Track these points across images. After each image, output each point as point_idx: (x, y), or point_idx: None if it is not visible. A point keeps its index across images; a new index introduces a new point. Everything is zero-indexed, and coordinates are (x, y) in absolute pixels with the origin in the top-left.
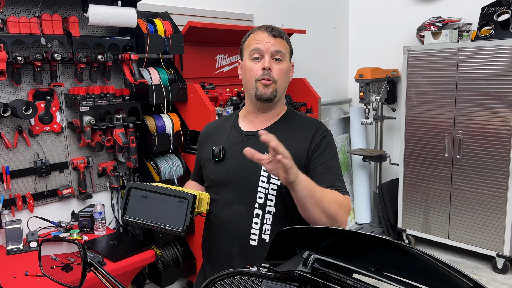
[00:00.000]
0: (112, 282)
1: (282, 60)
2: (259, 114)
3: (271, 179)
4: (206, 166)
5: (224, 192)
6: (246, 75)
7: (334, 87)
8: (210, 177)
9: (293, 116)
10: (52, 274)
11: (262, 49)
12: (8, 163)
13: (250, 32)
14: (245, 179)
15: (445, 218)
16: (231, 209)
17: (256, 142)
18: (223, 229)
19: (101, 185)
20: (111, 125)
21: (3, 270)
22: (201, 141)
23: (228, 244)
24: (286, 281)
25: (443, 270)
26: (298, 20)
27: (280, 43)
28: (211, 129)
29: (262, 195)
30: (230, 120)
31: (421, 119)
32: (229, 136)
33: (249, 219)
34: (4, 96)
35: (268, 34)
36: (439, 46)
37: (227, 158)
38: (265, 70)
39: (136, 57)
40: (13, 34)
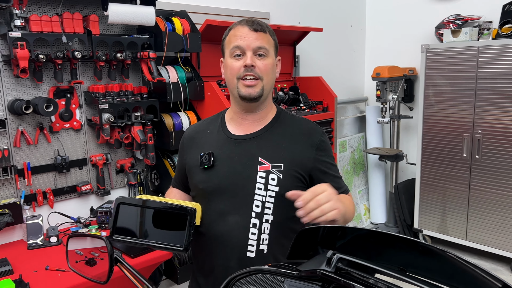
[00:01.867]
0: (137, 277)
1: (266, 56)
2: (246, 115)
3: (269, 185)
4: (193, 174)
5: (216, 202)
6: (227, 73)
7: (350, 86)
8: (199, 186)
9: (285, 117)
10: (77, 268)
11: (243, 46)
12: (29, 159)
13: (230, 28)
14: (240, 187)
15: (463, 219)
16: (225, 220)
17: (248, 147)
18: (218, 242)
19: (119, 181)
20: (130, 123)
21: (25, 264)
22: (184, 145)
23: (224, 258)
24: (309, 280)
25: (471, 271)
26: (314, 18)
27: (262, 38)
28: (195, 132)
29: (259, 203)
30: (215, 122)
31: (439, 118)
32: (217, 141)
33: (246, 229)
34: (26, 93)
35: (248, 28)
36: (459, 45)
37: (217, 165)
38: (248, 68)
39: (155, 55)
40: (35, 33)
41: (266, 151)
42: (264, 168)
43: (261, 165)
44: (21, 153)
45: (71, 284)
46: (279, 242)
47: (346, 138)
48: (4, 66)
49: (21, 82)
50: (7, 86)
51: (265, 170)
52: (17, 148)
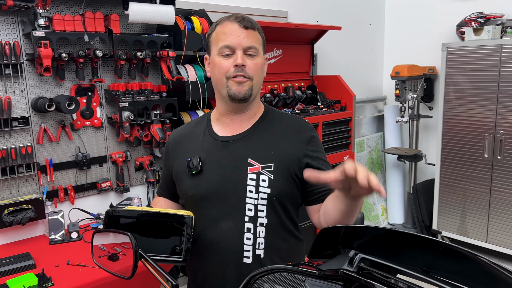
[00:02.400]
0: (161, 273)
1: (256, 55)
2: (234, 115)
3: (260, 187)
4: (181, 180)
5: (207, 208)
6: (215, 72)
7: (368, 85)
8: (188, 193)
9: (273, 114)
10: (102, 263)
11: (233, 45)
12: (51, 156)
13: (217, 23)
14: (231, 191)
15: (483, 220)
16: (218, 226)
17: (236, 148)
18: (212, 250)
19: (138, 179)
20: (149, 121)
21: (47, 259)
22: (169, 151)
23: (219, 266)
24: (330, 279)
25: (501, 275)
26: (333, 17)
27: (252, 36)
28: (180, 136)
29: (252, 207)
30: (201, 124)
31: (459, 118)
32: (204, 144)
33: (240, 235)
34: (49, 91)
35: (238, 25)
36: (481, 43)
37: (206, 170)
38: (238, 67)
39: (174, 54)
40: (58, 32)
41: (255, 152)
42: (254, 169)
43: (251, 167)
44: (44, 150)
45: (92, 279)
46: (275, 245)
47: (364, 137)
48: (28, 64)
49: (44, 81)
50: (31, 84)
51: (255, 171)
52: (40, 145)
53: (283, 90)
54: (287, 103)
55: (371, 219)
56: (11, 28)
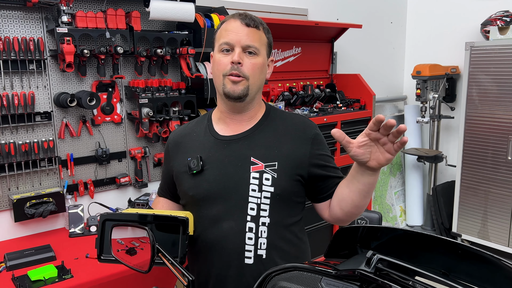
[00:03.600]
0: (177, 268)
1: (256, 54)
2: (234, 115)
3: (263, 186)
4: (182, 180)
5: (208, 208)
6: (214, 69)
7: (389, 84)
8: (188, 193)
9: (275, 114)
10: (120, 257)
11: (232, 42)
12: (72, 151)
13: (222, 21)
14: (232, 190)
15: (505, 224)
16: (219, 227)
17: (238, 147)
18: (213, 251)
19: (156, 175)
20: (168, 117)
21: (66, 251)
22: (169, 151)
23: (220, 267)
24: (347, 279)
25: None
26: (354, 15)
27: (254, 34)
28: (180, 136)
29: (254, 206)
30: (201, 124)
31: (482, 119)
32: (204, 143)
33: (242, 235)
34: (70, 87)
35: (240, 22)
36: (506, 42)
37: (207, 169)
38: (234, 65)
39: (193, 51)
40: (81, 28)
41: (258, 150)
42: (257, 168)
43: (254, 165)
44: (65, 144)
45: (110, 273)
46: (277, 246)
47: None
48: (51, 60)
49: (67, 76)
50: (54, 79)
51: (258, 170)
52: (61, 140)
53: (302, 88)
54: (305, 101)
55: (389, 220)
56: (35, 25)
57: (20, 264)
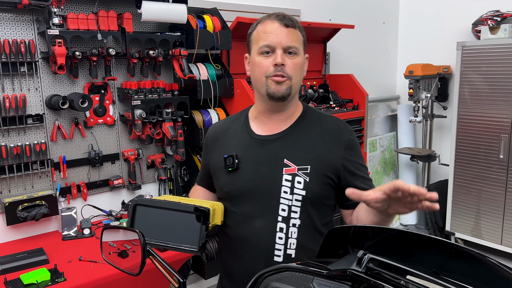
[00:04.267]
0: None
1: (296, 54)
2: (271, 114)
3: (295, 189)
4: (218, 175)
5: (241, 205)
6: (255, 71)
7: (381, 84)
8: (224, 188)
9: (311, 114)
10: (111, 259)
11: (274, 44)
12: (65, 153)
13: (257, 22)
14: (265, 191)
15: (498, 222)
16: (251, 223)
17: (273, 148)
18: (245, 246)
19: (149, 176)
20: (161, 119)
21: (59, 254)
22: (208, 145)
23: (251, 262)
24: (339, 279)
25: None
26: (346, 15)
27: (293, 34)
28: (218, 132)
29: (285, 207)
30: (239, 121)
31: (474, 118)
32: (241, 141)
33: (272, 234)
34: (62, 89)
35: (279, 24)
36: (497, 42)
37: (242, 167)
38: (277, 66)
39: (186, 52)
40: (72, 30)
41: (292, 153)
42: (290, 170)
43: (287, 168)
44: (57, 147)
45: (104, 275)
46: (306, 246)
47: (376, 137)
48: (43, 62)
49: (58, 78)
50: (45, 82)
51: (291, 172)
52: (53, 142)
53: None
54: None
55: None
56: (26, 27)
57: (12, 267)
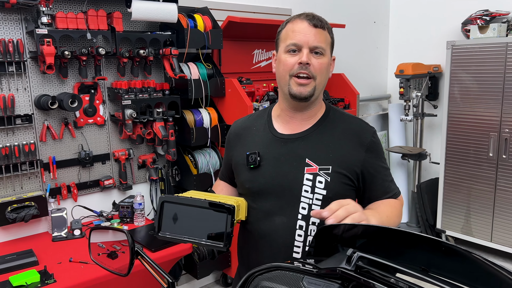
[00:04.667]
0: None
1: (322, 54)
2: (294, 113)
3: (316, 188)
4: (240, 172)
5: (262, 202)
6: (280, 68)
7: (373, 83)
8: (245, 185)
9: (334, 114)
10: (99, 260)
11: (301, 43)
12: (54, 154)
13: (287, 21)
14: (286, 189)
15: (488, 220)
16: (271, 220)
17: (295, 147)
18: (265, 241)
19: (140, 176)
20: (152, 119)
21: (49, 256)
22: (230, 141)
23: (270, 257)
24: (328, 278)
25: (497, 273)
26: (337, 14)
27: (320, 35)
28: (241, 128)
29: (306, 206)
30: (261, 119)
31: (464, 116)
32: (263, 139)
33: (292, 231)
34: (52, 89)
35: (308, 23)
36: (486, 41)
37: (264, 165)
38: (302, 65)
39: (177, 52)
40: (61, 29)
41: (313, 152)
42: (311, 170)
43: (308, 167)
44: (47, 147)
45: (94, 276)
46: None
47: None
48: (31, 62)
49: (47, 78)
50: (34, 82)
51: (312, 172)
52: (43, 143)
53: None
54: None
55: None
56: (14, 26)
57: (1, 269)
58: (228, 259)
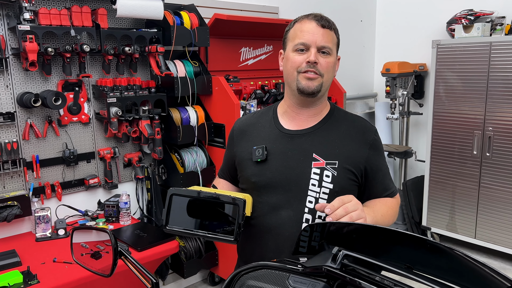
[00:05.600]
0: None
1: (329, 54)
2: (300, 109)
3: (323, 182)
4: (245, 166)
5: (268, 195)
6: (288, 66)
7: (359, 82)
8: (251, 179)
9: (339, 113)
10: (82, 261)
11: (309, 42)
12: (38, 152)
13: (296, 20)
14: (293, 183)
15: (472, 217)
16: (277, 214)
17: (302, 142)
18: (269, 235)
19: (126, 175)
20: (137, 117)
21: (33, 256)
22: (234, 138)
23: (275, 251)
24: (314, 276)
25: (479, 270)
26: (324, 13)
27: (328, 35)
28: (245, 125)
29: (313, 199)
30: (267, 115)
31: (449, 115)
32: (269, 135)
33: (298, 224)
34: (34, 86)
35: (316, 24)
36: (471, 40)
37: (270, 159)
38: (310, 64)
39: (163, 49)
40: (44, 26)
41: (320, 148)
42: (319, 164)
43: (316, 162)
44: (30, 146)
45: (78, 277)
46: None
47: None
48: (13, 59)
49: (30, 75)
50: (16, 79)
51: (319, 166)
52: (26, 141)
53: (274, 86)
54: (277, 99)
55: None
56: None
57: None
58: (215, 258)
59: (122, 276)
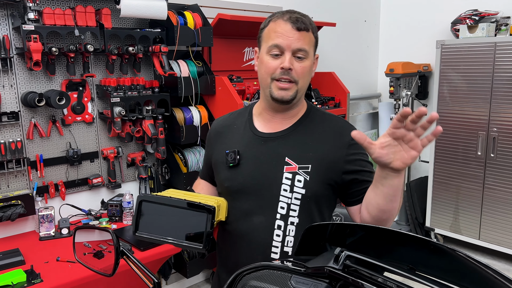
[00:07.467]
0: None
1: (305, 58)
2: (275, 113)
3: (295, 187)
4: (219, 170)
5: (241, 201)
6: (262, 70)
7: (363, 82)
8: (224, 184)
9: (315, 113)
10: (85, 260)
11: (283, 46)
12: (42, 152)
13: (270, 19)
14: (265, 188)
15: (476, 218)
16: (249, 220)
17: (275, 146)
18: (243, 241)
19: (130, 175)
20: (141, 116)
21: (36, 255)
22: (211, 139)
23: (248, 257)
24: (316, 277)
25: (482, 271)
26: (328, 13)
27: (304, 38)
28: (221, 127)
29: (284, 205)
30: (242, 117)
31: (453, 115)
32: (243, 138)
33: (270, 230)
34: (39, 86)
35: (291, 26)
36: (475, 40)
37: (243, 164)
38: (284, 70)
39: (166, 49)
40: (48, 26)
41: (293, 151)
42: (291, 169)
43: (288, 166)
44: (34, 145)
45: (81, 276)
46: None
47: None
48: (18, 59)
49: (34, 75)
50: (21, 78)
51: (291, 171)
52: (30, 140)
53: None
54: None
55: None
56: (0, 22)
57: None
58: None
59: (124, 276)
